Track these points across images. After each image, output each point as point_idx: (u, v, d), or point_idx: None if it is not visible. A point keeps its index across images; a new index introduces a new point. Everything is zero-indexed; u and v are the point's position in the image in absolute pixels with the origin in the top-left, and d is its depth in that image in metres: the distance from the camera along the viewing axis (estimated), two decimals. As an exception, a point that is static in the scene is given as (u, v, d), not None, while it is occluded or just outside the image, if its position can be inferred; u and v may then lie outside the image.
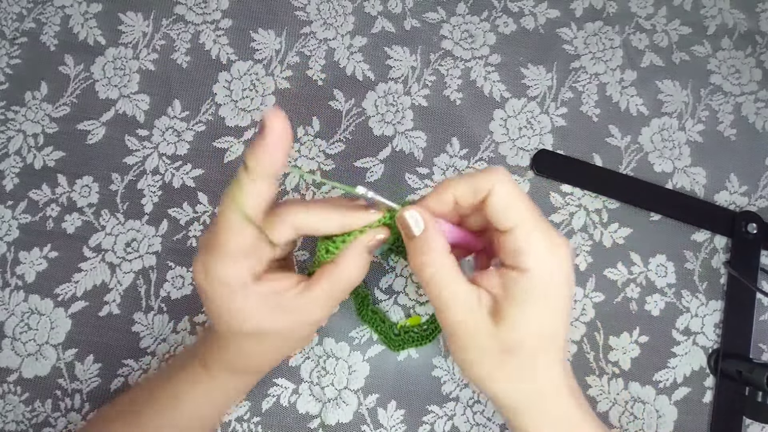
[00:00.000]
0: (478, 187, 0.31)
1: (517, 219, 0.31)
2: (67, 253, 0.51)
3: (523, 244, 0.30)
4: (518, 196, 0.31)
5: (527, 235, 0.30)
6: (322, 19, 0.57)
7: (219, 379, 0.38)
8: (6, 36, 0.56)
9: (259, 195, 0.30)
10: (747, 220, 0.51)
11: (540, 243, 0.30)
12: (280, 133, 0.29)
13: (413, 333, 0.48)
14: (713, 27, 0.57)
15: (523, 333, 0.30)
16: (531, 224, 0.31)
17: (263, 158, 0.29)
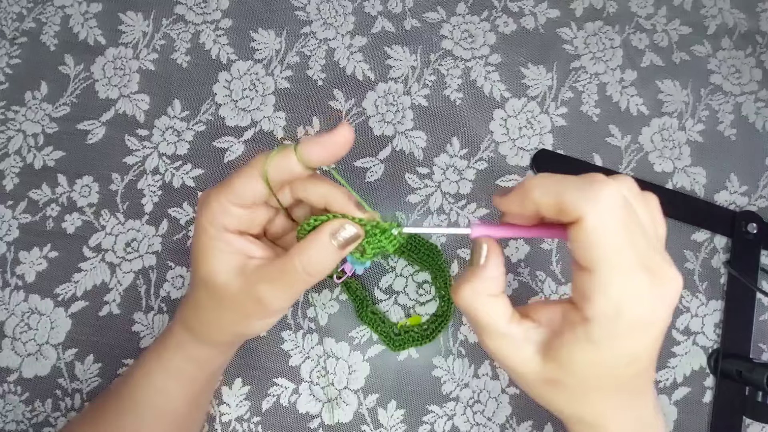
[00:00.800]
0: (566, 209, 0.26)
1: (600, 260, 0.25)
2: (67, 253, 0.51)
3: (598, 288, 0.25)
4: (615, 233, 0.25)
5: (607, 279, 0.25)
6: (322, 19, 0.57)
7: (179, 342, 0.38)
8: (6, 36, 0.56)
9: (290, 172, 0.31)
10: (747, 220, 0.51)
11: (620, 291, 0.25)
12: (341, 143, 0.31)
13: (413, 333, 0.48)
14: (713, 27, 0.57)
15: (567, 371, 0.28)
16: (617, 268, 0.25)
17: (315, 150, 0.31)
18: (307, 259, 0.31)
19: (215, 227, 0.32)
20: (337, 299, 0.50)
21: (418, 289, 0.50)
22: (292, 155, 0.31)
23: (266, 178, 0.31)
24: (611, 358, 0.27)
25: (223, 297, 0.33)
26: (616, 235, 0.25)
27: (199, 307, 0.36)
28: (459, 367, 0.48)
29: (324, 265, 0.31)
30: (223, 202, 0.32)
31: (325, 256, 0.31)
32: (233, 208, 0.32)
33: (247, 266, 0.33)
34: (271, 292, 0.32)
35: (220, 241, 0.32)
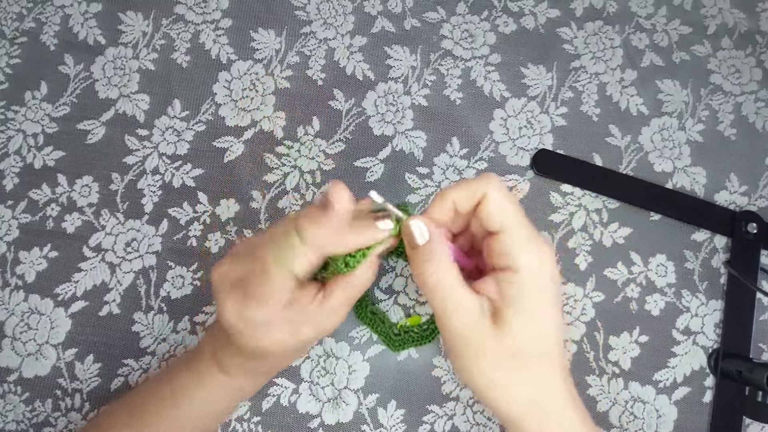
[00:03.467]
0: (474, 192, 0.33)
1: (506, 222, 0.32)
2: (67, 252, 0.51)
3: (513, 244, 0.32)
4: (508, 202, 0.33)
5: (516, 236, 0.32)
6: (322, 18, 0.57)
7: (236, 379, 0.39)
8: (6, 36, 0.56)
9: (312, 261, 0.32)
10: (747, 219, 0.51)
11: (528, 245, 0.32)
12: (344, 212, 0.32)
13: (413, 333, 0.48)
14: (713, 27, 0.57)
15: (525, 335, 0.31)
16: (518, 227, 0.32)
17: (323, 234, 0.32)
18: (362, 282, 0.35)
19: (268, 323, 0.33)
20: (337, 299, 0.50)
21: (418, 289, 0.50)
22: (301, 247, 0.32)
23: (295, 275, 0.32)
24: (546, 311, 0.32)
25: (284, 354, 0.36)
26: (512, 202, 0.33)
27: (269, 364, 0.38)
28: (459, 367, 0.48)
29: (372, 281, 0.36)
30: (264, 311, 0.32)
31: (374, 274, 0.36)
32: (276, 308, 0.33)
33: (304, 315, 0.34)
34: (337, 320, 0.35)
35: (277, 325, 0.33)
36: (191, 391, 0.39)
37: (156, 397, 0.40)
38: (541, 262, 0.32)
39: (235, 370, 0.38)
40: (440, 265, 0.32)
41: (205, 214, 0.52)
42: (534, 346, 0.32)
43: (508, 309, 0.31)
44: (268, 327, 0.33)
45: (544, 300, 0.32)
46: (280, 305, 0.33)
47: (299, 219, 0.32)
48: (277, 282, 0.32)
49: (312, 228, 0.32)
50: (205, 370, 0.39)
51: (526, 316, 0.31)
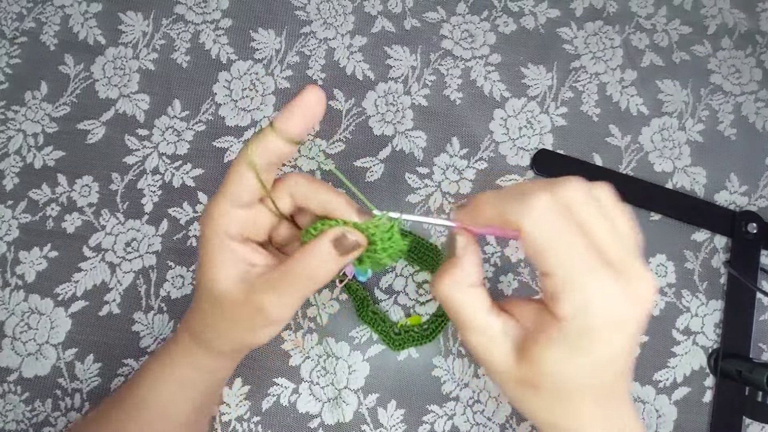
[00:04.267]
0: (508, 224, 0.27)
1: (553, 264, 0.26)
2: (67, 252, 0.51)
3: (560, 292, 0.26)
4: (559, 236, 0.26)
5: (566, 282, 0.26)
6: (322, 18, 0.57)
7: (186, 351, 0.38)
8: (6, 36, 0.56)
9: (272, 148, 0.30)
10: (747, 219, 0.51)
11: (583, 293, 0.26)
12: (313, 104, 0.30)
13: (413, 333, 0.48)
14: (713, 27, 0.57)
15: (543, 373, 0.28)
16: (573, 270, 0.26)
17: (290, 120, 0.30)
18: (308, 266, 0.31)
19: (218, 236, 0.32)
20: (337, 299, 0.50)
21: (418, 289, 0.50)
22: (271, 134, 0.30)
23: (253, 166, 0.30)
24: (585, 360, 0.27)
25: (225, 306, 0.33)
26: (557, 239, 0.26)
27: (204, 317, 0.36)
28: (459, 367, 0.48)
29: (325, 273, 0.31)
30: (221, 206, 0.31)
31: (326, 263, 0.31)
32: (233, 211, 0.32)
33: (249, 274, 0.32)
34: (272, 300, 0.31)
35: (224, 249, 0.32)
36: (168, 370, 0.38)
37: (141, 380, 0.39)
38: (598, 316, 0.26)
39: (184, 335, 0.37)
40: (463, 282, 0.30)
41: (205, 214, 0.52)
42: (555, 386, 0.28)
43: (537, 347, 0.27)
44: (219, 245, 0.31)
45: (581, 353, 0.27)
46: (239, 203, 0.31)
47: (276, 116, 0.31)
48: (238, 170, 0.30)
49: (281, 114, 0.30)
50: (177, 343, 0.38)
51: (553, 363, 0.27)
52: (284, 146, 0.30)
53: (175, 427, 0.39)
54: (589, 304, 0.26)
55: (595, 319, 0.26)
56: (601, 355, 0.27)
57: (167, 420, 0.39)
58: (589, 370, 0.27)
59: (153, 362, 0.40)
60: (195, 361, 0.38)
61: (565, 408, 0.29)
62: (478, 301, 0.29)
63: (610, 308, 0.26)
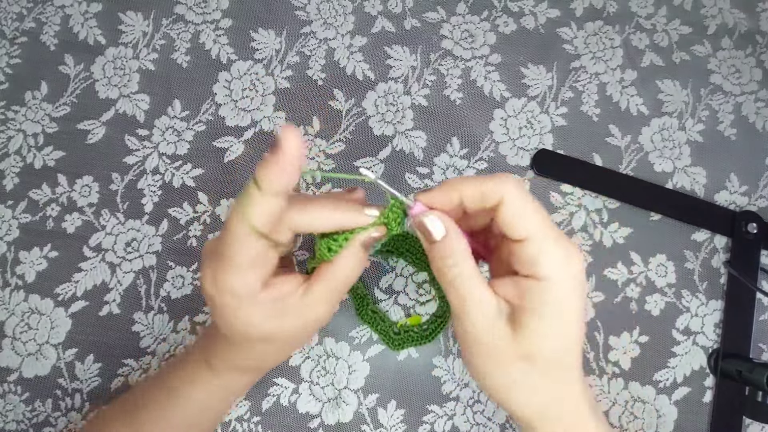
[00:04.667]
0: (488, 194, 0.31)
1: (531, 229, 0.30)
2: (67, 252, 0.51)
3: (539, 253, 0.30)
4: (531, 206, 0.30)
5: (542, 245, 0.30)
6: (322, 18, 0.57)
7: (223, 377, 0.38)
8: (6, 36, 0.56)
9: (270, 210, 0.29)
10: (747, 219, 0.51)
11: (555, 253, 0.30)
12: (294, 152, 0.28)
13: (413, 332, 0.48)
14: (713, 27, 0.57)
15: (541, 342, 0.30)
16: (545, 234, 0.30)
17: (276, 176, 0.28)
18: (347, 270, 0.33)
19: (242, 297, 0.31)
20: (337, 299, 0.50)
21: (418, 289, 0.50)
22: (257, 194, 0.29)
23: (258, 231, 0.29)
24: (571, 315, 0.30)
25: (281, 339, 0.35)
26: (535, 206, 0.30)
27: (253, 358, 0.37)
28: (459, 367, 0.48)
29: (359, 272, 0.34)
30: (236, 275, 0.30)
31: (360, 263, 0.34)
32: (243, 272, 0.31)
33: (287, 305, 0.33)
34: (323, 312, 0.34)
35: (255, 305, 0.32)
36: (184, 393, 0.39)
37: (150, 400, 0.40)
38: (568, 271, 0.30)
39: (222, 366, 0.38)
40: (459, 262, 0.31)
41: (205, 214, 0.52)
42: (551, 354, 0.31)
43: (527, 315, 0.30)
44: (246, 304, 0.31)
45: (568, 309, 0.30)
46: (251, 265, 0.30)
47: (256, 170, 0.29)
48: (240, 237, 0.29)
49: (263, 171, 0.28)
50: (195, 371, 0.39)
51: (545, 325, 0.30)
52: (279, 200, 0.29)
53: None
54: (568, 259, 0.30)
55: (574, 270, 0.30)
56: (580, 309, 0.31)
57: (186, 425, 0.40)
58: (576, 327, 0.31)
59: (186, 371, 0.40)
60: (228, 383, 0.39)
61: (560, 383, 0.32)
62: (478, 274, 0.31)
63: (577, 260, 0.30)
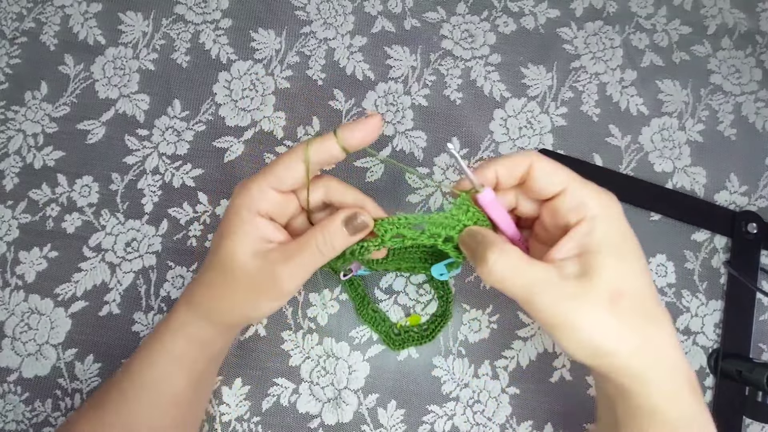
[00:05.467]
0: (517, 165, 0.34)
1: (565, 179, 0.33)
2: (67, 252, 0.51)
3: (583, 195, 0.32)
4: (558, 164, 0.33)
5: (582, 188, 0.33)
6: (322, 18, 0.57)
7: (182, 323, 0.38)
8: (6, 36, 0.56)
9: (330, 154, 0.35)
10: (747, 219, 0.51)
11: (596, 193, 0.33)
12: (374, 126, 0.35)
13: (413, 332, 0.48)
14: (713, 27, 0.57)
15: (620, 278, 0.31)
16: (580, 181, 0.33)
17: (354, 132, 0.35)
18: (322, 238, 0.35)
19: (250, 211, 0.35)
20: (337, 299, 0.50)
21: (418, 289, 0.50)
22: (332, 139, 0.35)
23: (307, 161, 0.35)
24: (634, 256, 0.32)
25: (238, 276, 0.36)
26: (561, 165, 0.33)
27: (211, 287, 0.37)
28: (459, 367, 0.48)
29: (335, 245, 0.35)
30: (263, 187, 0.35)
31: (336, 238, 0.35)
32: (271, 193, 0.36)
33: (265, 248, 0.36)
34: (285, 271, 0.35)
35: (250, 224, 0.35)
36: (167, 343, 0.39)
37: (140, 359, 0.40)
38: (612, 207, 0.32)
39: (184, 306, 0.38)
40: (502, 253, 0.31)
41: (205, 214, 0.52)
42: (633, 288, 0.31)
43: (597, 255, 0.31)
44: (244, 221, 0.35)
45: (627, 238, 0.32)
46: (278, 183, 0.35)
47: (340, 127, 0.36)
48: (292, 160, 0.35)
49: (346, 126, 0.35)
50: (176, 316, 0.39)
51: (617, 255, 0.31)
52: (339, 152, 0.35)
53: (170, 403, 0.40)
54: (606, 197, 0.33)
55: (615, 206, 0.33)
56: (636, 242, 0.33)
57: (163, 395, 0.39)
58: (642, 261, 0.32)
59: (148, 338, 0.40)
60: (190, 333, 0.39)
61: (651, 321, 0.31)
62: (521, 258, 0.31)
63: (613, 199, 0.33)
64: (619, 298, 0.30)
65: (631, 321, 0.31)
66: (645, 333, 0.31)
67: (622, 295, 0.30)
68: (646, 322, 0.31)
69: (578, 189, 0.33)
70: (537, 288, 0.30)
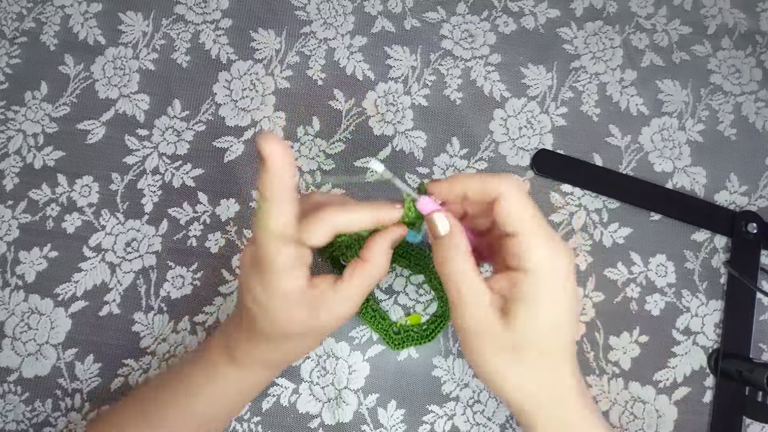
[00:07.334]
0: (489, 189, 0.33)
1: (522, 225, 0.33)
2: (67, 252, 0.51)
3: (527, 248, 0.32)
4: (525, 204, 0.33)
5: (530, 239, 0.33)
6: (322, 18, 0.57)
7: (246, 371, 0.39)
8: (6, 36, 0.56)
9: (285, 214, 0.32)
10: (747, 219, 0.51)
11: (542, 247, 0.32)
12: (280, 158, 0.30)
13: (413, 332, 0.48)
14: (713, 27, 0.57)
15: (528, 332, 0.33)
16: (534, 230, 0.33)
17: (273, 186, 0.31)
18: (377, 272, 0.35)
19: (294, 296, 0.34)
20: (337, 299, 0.50)
21: (418, 289, 0.50)
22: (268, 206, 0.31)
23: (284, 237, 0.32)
24: (556, 311, 0.33)
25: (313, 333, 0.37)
26: (529, 205, 0.33)
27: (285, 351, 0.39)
28: (459, 367, 0.48)
29: (386, 270, 0.36)
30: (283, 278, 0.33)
31: (389, 261, 0.36)
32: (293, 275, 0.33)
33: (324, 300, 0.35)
34: (352, 307, 0.36)
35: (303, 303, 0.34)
36: (202, 386, 0.39)
37: (168, 393, 0.40)
38: (554, 264, 0.33)
39: (248, 360, 0.38)
40: (458, 257, 0.33)
41: (205, 214, 0.52)
42: (538, 343, 0.33)
43: (515, 305, 0.32)
44: (286, 305, 0.34)
45: (554, 301, 0.33)
46: (291, 266, 0.33)
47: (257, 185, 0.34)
48: (271, 246, 0.32)
49: (261, 184, 0.31)
50: (217, 365, 0.39)
51: (532, 314, 0.32)
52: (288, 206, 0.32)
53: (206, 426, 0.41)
54: (554, 253, 0.33)
55: (560, 264, 0.33)
56: (567, 300, 0.33)
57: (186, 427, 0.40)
58: (563, 317, 0.33)
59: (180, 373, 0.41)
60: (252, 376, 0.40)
61: (549, 371, 0.34)
62: (476, 271, 0.33)
63: (564, 256, 0.33)
64: (519, 350, 0.33)
65: (526, 370, 0.34)
66: (534, 382, 0.34)
67: (521, 349, 0.33)
68: (540, 372, 0.34)
69: (526, 240, 0.32)
70: (468, 301, 0.33)
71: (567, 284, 0.33)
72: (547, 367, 0.34)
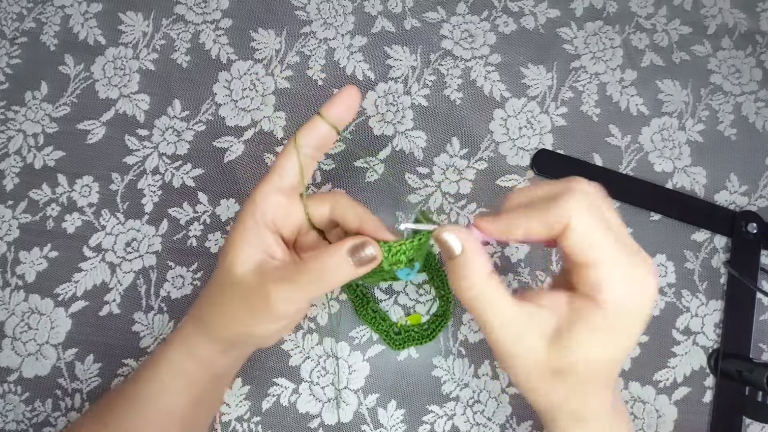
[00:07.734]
0: (553, 223, 0.29)
1: (599, 254, 0.29)
2: (67, 252, 0.51)
3: (603, 281, 0.28)
4: (599, 230, 0.29)
5: (609, 272, 0.29)
6: (322, 18, 0.57)
7: (185, 338, 0.38)
8: (6, 36, 0.56)
9: (320, 134, 0.36)
10: (747, 219, 0.51)
11: (623, 282, 0.29)
12: (353, 95, 0.36)
13: (414, 332, 0.48)
14: (713, 27, 0.57)
15: (582, 362, 0.29)
16: (614, 260, 0.29)
17: (335, 106, 0.36)
18: (322, 266, 0.33)
19: (253, 218, 0.35)
20: (337, 299, 0.50)
21: (418, 289, 0.50)
22: (318, 119, 0.36)
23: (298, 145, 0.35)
24: (622, 344, 0.30)
25: (235, 289, 0.34)
26: (604, 230, 0.29)
27: (211, 298, 0.37)
28: (459, 367, 0.48)
29: (337, 278, 0.33)
30: (265, 190, 0.35)
31: (340, 269, 0.33)
32: (273, 195, 0.35)
33: (266, 264, 0.34)
34: (280, 292, 0.33)
35: (252, 232, 0.35)
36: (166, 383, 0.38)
37: (121, 397, 0.39)
38: (635, 302, 0.29)
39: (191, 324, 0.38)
40: (476, 281, 0.30)
41: (205, 214, 0.52)
42: (586, 370, 0.30)
43: (572, 334, 0.29)
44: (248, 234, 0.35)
45: (623, 341, 0.30)
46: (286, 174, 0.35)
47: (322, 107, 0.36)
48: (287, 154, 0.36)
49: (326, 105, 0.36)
50: (176, 337, 0.39)
51: (592, 346, 0.29)
52: (328, 130, 0.36)
53: (173, 418, 0.39)
54: (636, 289, 0.29)
55: (642, 301, 0.29)
56: (632, 338, 0.30)
57: (164, 410, 0.39)
58: (619, 354, 0.30)
59: (156, 349, 0.40)
60: (191, 348, 0.38)
61: (584, 394, 0.31)
62: (499, 292, 0.30)
63: (647, 288, 0.29)
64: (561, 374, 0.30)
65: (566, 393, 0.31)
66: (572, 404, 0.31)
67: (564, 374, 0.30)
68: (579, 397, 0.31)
69: (603, 271, 0.28)
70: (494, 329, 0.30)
71: (642, 318, 0.30)
72: (587, 392, 0.31)
